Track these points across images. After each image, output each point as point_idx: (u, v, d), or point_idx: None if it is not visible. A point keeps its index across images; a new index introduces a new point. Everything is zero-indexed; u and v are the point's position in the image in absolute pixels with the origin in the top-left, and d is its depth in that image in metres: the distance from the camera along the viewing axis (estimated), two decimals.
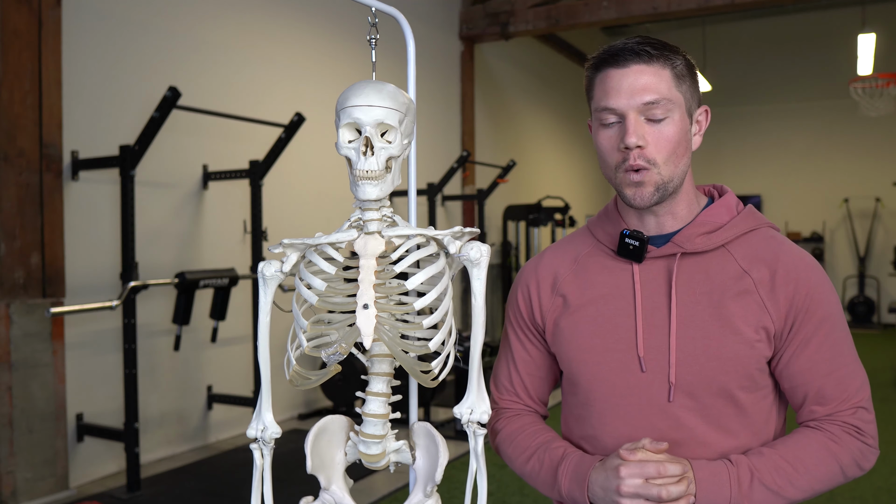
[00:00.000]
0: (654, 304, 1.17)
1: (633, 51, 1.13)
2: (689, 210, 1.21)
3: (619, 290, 1.20)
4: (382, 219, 1.10)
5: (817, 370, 1.14)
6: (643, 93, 1.11)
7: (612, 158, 1.16)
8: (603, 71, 1.15)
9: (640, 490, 1.04)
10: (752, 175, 11.49)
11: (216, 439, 4.85)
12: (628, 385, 1.16)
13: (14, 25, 3.59)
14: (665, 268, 1.18)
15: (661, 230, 1.20)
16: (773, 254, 1.16)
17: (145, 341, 4.29)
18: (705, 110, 1.21)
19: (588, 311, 1.21)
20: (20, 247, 3.63)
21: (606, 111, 1.14)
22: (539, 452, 1.22)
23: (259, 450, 1.14)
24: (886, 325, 10.75)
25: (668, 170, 1.14)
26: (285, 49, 5.47)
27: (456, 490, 3.68)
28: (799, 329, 1.14)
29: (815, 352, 1.14)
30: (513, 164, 7.46)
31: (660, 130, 1.12)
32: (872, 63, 8.26)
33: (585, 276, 1.24)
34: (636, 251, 1.18)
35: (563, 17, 7.33)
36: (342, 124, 1.06)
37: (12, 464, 3.53)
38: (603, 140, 1.17)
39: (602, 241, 1.25)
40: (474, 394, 1.10)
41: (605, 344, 1.19)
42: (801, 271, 1.15)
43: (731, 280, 1.15)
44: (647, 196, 1.14)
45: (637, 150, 1.12)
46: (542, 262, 1.31)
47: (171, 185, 4.56)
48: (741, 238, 1.18)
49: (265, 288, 1.12)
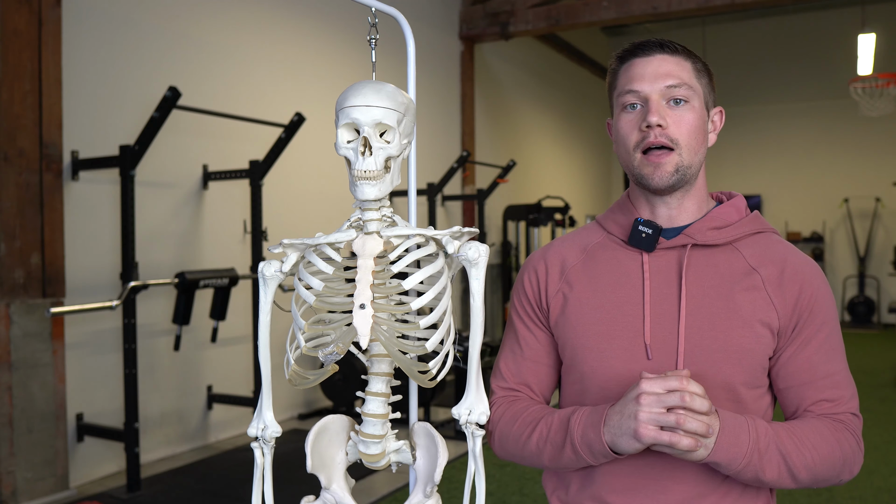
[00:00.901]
0: (662, 294, 1.18)
1: (658, 43, 1.19)
2: (700, 208, 1.23)
3: (627, 278, 1.20)
4: (382, 219, 1.10)
5: (815, 371, 1.16)
6: (666, 77, 1.16)
7: (631, 139, 1.18)
8: (628, 62, 1.20)
9: (659, 418, 1.00)
10: (751, 175, 11.49)
11: (216, 439, 4.85)
12: (632, 373, 1.16)
13: (14, 25, 3.59)
14: (675, 258, 1.19)
15: (672, 223, 1.22)
16: (780, 255, 1.19)
17: (145, 341, 4.29)
18: (720, 111, 1.26)
19: (595, 298, 1.21)
20: (20, 247, 3.63)
21: (630, 94, 1.18)
22: (547, 417, 1.18)
23: (260, 449, 1.14)
24: (886, 325, 10.75)
25: (687, 153, 1.16)
26: (285, 49, 5.48)
27: (455, 490, 3.68)
28: (801, 329, 1.16)
29: (815, 353, 1.16)
30: (513, 164, 7.47)
31: (680, 114, 1.16)
32: (872, 63, 8.27)
33: (594, 265, 1.25)
34: (648, 239, 1.19)
35: (563, 17, 7.33)
36: (341, 124, 1.07)
37: (12, 464, 3.53)
38: (624, 124, 1.19)
39: (612, 233, 1.26)
40: (473, 394, 1.10)
41: (610, 330, 1.18)
42: (808, 273, 1.18)
43: (739, 275, 1.17)
44: (667, 176, 1.16)
45: (658, 129, 1.15)
46: (551, 249, 1.31)
47: (171, 185, 4.56)
48: (749, 238, 1.21)
49: (265, 288, 1.13)
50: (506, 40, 7.90)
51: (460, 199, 7.40)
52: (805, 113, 11.35)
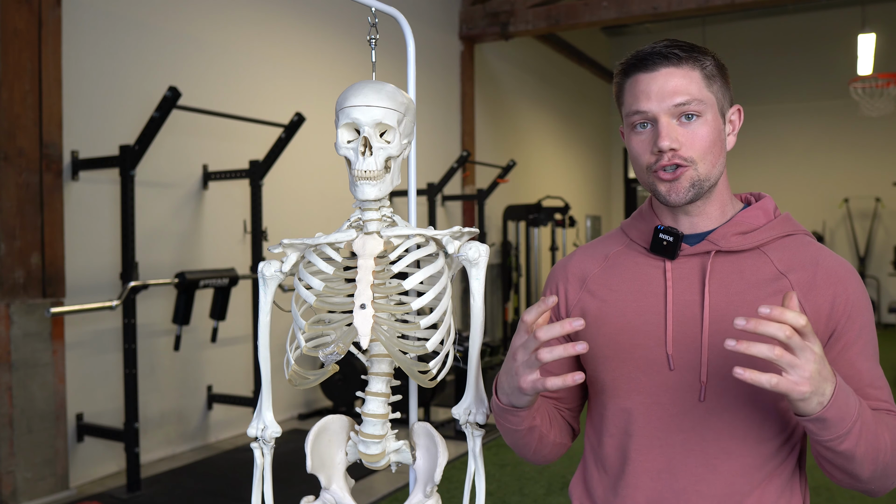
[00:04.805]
0: (685, 302, 1.13)
1: (662, 54, 1.11)
2: (723, 212, 1.18)
3: (649, 286, 1.16)
4: (382, 219, 1.10)
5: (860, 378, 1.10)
6: (673, 95, 1.10)
7: (644, 160, 1.13)
8: (632, 76, 1.14)
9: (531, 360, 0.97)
10: (751, 175, 11.49)
11: (216, 439, 4.85)
12: (653, 383, 1.13)
13: (14, 25, 3.59)
14: (699, 266, 1.14)
15: (694, 229, 1.17)
16: (812, 258, 1.13)
17: (145, 341, 4.29)
18: (738, 109, 1.19)
19: (616, 307, 1.18)
20: (20, 247, 3.63)
21: (637, 115, 1.12)
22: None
23: (259, 449, 1.14)
24: (886, 325, 10.75)
25: (704, 167, 1.11)
26: (285, 49, 5.48)
27: (455, 490, 3.68)
28: (840, 335, 1.10)
29: (857, 359, 1.10)
30: (513, 164, 7.47)
31: (693, 131, 1.10)
32: (872, 63, 8.26)
33: (615, 273, 1.21)
34: (669, 247, 1.15)
35: (563, 17, 7.33)
36: (341, 124, 1.06)
37: (12, 464, 3.53)
38: (636, 144, 1.14)
39: (634, 240, 1.22)
40: (472, 394, 1.10)
41: (631, 340, 1.15)
42: (842, 276, 1.12)
43: (766, 281, 1.11)
44: (683, 191, 1.11)
45: (671, 153, 1.10)
46: (573, 261, 1.28)
47: (171, 185, 4.56)
48: (778, 241, 1.16)
49: (265, 288, 1.13)
50: (506, 40, 7.90)
51: (460, 199, 7.40)
52: (805, 113, 11.35)
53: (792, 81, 11.30)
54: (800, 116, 11.38)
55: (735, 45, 11.33)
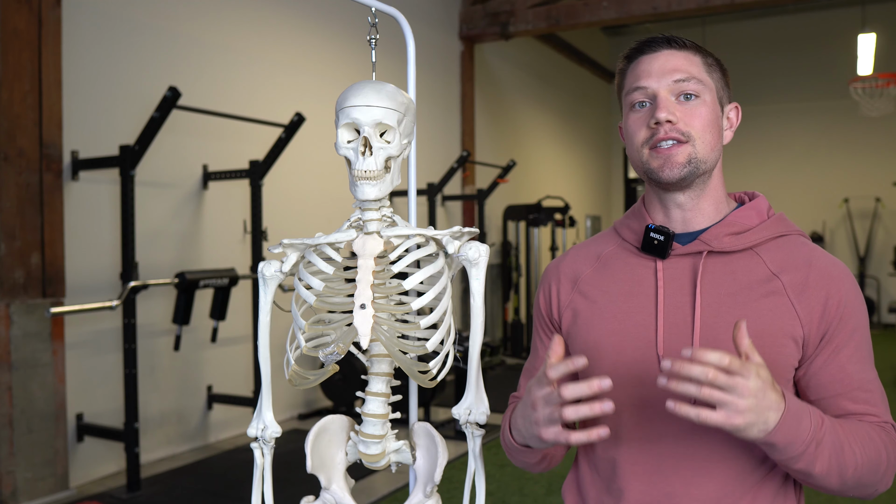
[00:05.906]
0: (676, 303, 1.12)
1: (665, 39, 1.14)
2: (717, 210, 1.16)
3: (640, 287, 1.15)
4: (382, 219, 1.10)
5: (850, 381, 1.09)
6: (674, 72, 1.11)
7: (639, 136, 1.12)
8: (635, 60, 1.16)
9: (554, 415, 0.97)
10: (751, 175, 11.49)
11: (216, 439, 4.85)
12: (643, 385, 1.12)
13: (14, 25, 3.59)
14: (690, 266, 1.13)
15: (686, 228, 1.16)
16: (804, 259, 1.12)
17: (145, 341, 4.29)
18: (735, 107, 1.19)
19: (607, 308, 1.17)
20: (20, 247, 3.63)
21: (637, 91, 1.13)
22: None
23: (259, 449, 1.14)
24: (886, 325, 10.75)
25: (702, 147, 1.10)
26: (285, 49, 5.48)
27: (455, 490, 3.68)
28: (832, 337, 1.09)
29: (848, 362, 1.09)
30: (513, 164, 7.47)
31: (691, 109, 1.10)
32: (872, 63, 8.27)
33: (607, 273, 1.20)
34: (660, 246, 1.14)
35: (563, 17, 7.33)
36: (341, 124, 1.06)
37: (12, 464, 3.53)
38: (632, 123, 1.14)
39: (627, 240, 1.21)
40: (472, 394, 1.10)
41: (622, 342, 1.14)
42: (835, 276, 1.10)
43: (758, 282, 1.10)
44: (678, 167, 1.09)
45: (668, 125, 1.09)
46: (565, 261, 1.28)
47: (171, 185, 4.56)
48: (771, 242, 1.14)
49: (265, 288, 1.13)
50: (506, 40, 7.90)
51: (460, 199, 7.40)
52: (805, 113, 11.35)
53: (792, 81, 11.30)
54: (800, 116, 11.38)
55: (735, 45, 11.33)
